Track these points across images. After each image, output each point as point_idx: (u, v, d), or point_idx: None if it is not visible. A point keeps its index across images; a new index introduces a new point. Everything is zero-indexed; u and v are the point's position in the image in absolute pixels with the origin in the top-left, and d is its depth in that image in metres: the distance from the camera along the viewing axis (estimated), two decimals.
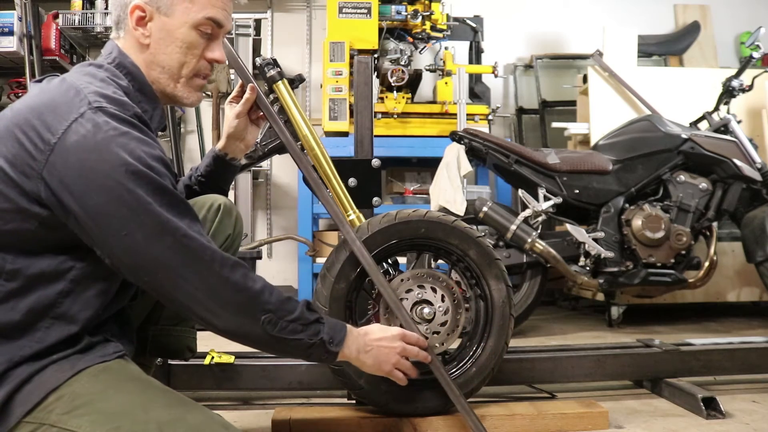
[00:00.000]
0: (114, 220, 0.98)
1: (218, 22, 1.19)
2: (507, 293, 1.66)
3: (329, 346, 1.19)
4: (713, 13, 4.92)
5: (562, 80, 4.66)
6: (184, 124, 4.57)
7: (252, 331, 1.09)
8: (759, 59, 3.20)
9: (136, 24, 1.15)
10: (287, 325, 1.12)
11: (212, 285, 1.04)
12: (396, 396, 1.58)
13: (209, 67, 1.22)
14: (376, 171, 1.79)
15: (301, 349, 1.16)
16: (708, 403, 1.75)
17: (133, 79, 1.15)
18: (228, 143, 1.48)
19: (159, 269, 1.02)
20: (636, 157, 2.99)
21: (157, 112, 1.20)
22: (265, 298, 1.10)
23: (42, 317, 1.02)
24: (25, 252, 1.02)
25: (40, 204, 1.00)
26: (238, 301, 1.07)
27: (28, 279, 1.01)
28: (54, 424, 0.96)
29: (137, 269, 1.03)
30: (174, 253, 1.01)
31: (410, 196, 4.12)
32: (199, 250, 1.04)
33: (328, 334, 1.19)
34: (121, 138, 1.00)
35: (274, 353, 1.22)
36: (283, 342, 1.12)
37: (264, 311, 1.09)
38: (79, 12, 4.03)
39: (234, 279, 1.07)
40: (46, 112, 1.00)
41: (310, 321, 1.16)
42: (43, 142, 0.98)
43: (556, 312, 3.95)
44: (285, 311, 1.12)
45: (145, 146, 1.02)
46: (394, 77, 3.60)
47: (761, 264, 2.87)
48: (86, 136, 0.98)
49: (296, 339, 1.13)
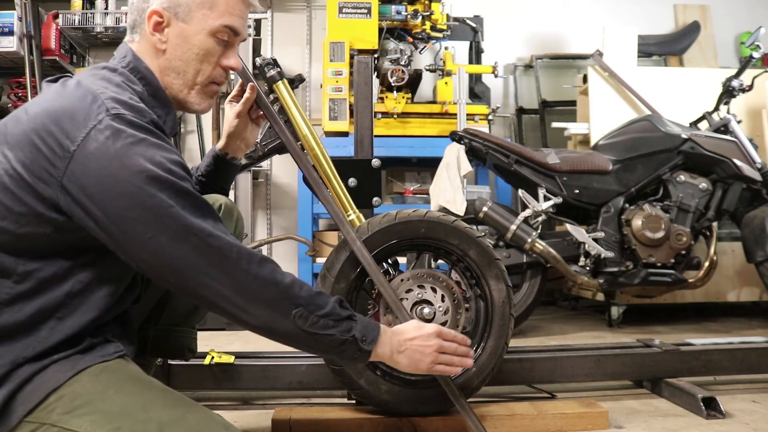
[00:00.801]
0: (138, 225, 0.99)
1: (235, 30, 1.19)
2: (507, 293, 1.66)
3: (362, 344, 1.16)
4: (713, 13, 4.92)
5: (562, 80, 4.66)
6: (184, 124, 4.57)
7: (283, 326, 1.08)
8: (759, 59, 3.20)
9: (153, 29, 1.15)
10: (318, 320, 1.10)
11: (241, 282, 1.04)
12: (396, 396, 1.58)
13: (224, 75, 1.22)
14: (376, 171, 1.79)
15: (333, 345, 1.13)
16: (708, 403, 1.76)
17: (148, 84, 1.15)
18: (228, 143, 1.48)
19: (185, 270, 1.02)
20: (636, 157, 2.99)
21: (170, 117, 1.20)
22: (296, 292, 1.08)
23: (48, 318, 1.02)
24: (38, 255, 1.02)
25: (58, 210, 1.00)
26: (267, 296, 1.06)
27: (39, 281, 1.01)
28: (55, 424, 0.96)
29: (163, 271, 1.03)
30: (200, 254, 1.01)
31: (410, 196, 4.12)
32: (225, 249, 1.03)
33: (361, 332, 1.16)
34: (140, 145, 1.00)
35: (307, 350, 1.19)
36: (314, 337, 1.10)
37: (295, 305, 1.07)
38: (79, 12, 4.03)
39: (263, 274, 1.06)
40: (64, 119, 1.00)
41: (342, 317, 1.13)
42: (62, 149, 0.98)
43: (556, 312, 3.95)
44: (316, 305, 1.10)
45: (164, 152, 1.03)
46: (394, 77, 3.61)
47: (761, 264, 2.88)
48: (106, 144, 0.98)
49: (328, 335, 1.11)
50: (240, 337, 3.00)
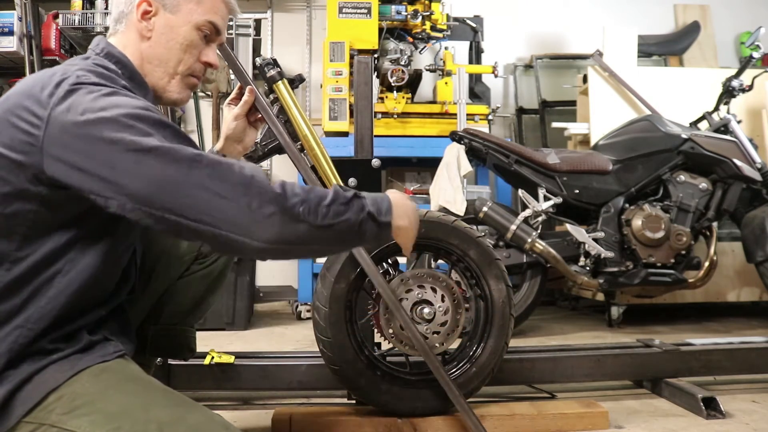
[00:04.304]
0: (123, 157, 0.97)
1: (218, 28, 1.24)
2: (507, 293, 1.66)
3: (380, 217, 1.10)
4: (713, 13, 4.93)
5: (562, 80, 4.66)
6: (184, 124, 4.57)
7: (296, 231, 1.01)
8: (759, 59, 3.20)
9: (141, 17, 1.19)
10: (328, 210, 1.04)
11: (238, 194, 1.00)
12: (396, 396, 1.58)
13: (203, 70, 1.26)
14: (376, 171, 1.80)
15: (352, 230, 1.07)
16: (708, 403, 1.76)
17: (123, 67, 1.18)
18: (226, 145, 1.48)
19: (174, 193, 0.98)
20: (636, 157, 2.99)
21: (147, 98, 1.20)
22: (290, 191, 1.03)
23: (38, 296, 1.02)
24: (28, 238, 1.02)
25: (41, 182, 1.00)
26: (269, 204, 1.01)
27: (31, 265, 1.02)
28: (54, 424, 0.96)
29: (155, 198, 0.98)
30: (186, 171, 0.98)
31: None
32: (215, 164, 1.01)
33: (373, 205, 1.10)
34: (113, 95, 1.03)
35: (327, 248, 1.14)
36: (331, 229, 1.04)
37: (298, 203, 1.02)
38: (79, 12, 4.03)
39: (257, 183, 1.02)
40: (35, 91, 1.01)
41: (349, 198, 1.08)
42: (37, 118, 0.99)
43: (556, 312, 3.95)
44: (318, 197, 1.05)
45: (136, 99, 1.05)
46: (394, 77, 3.61)
47: (761, 264, 2.88)
48: (78, 98, 0.99)
49: (344, 220, 1.05)
50: (240, 337, 3.00)
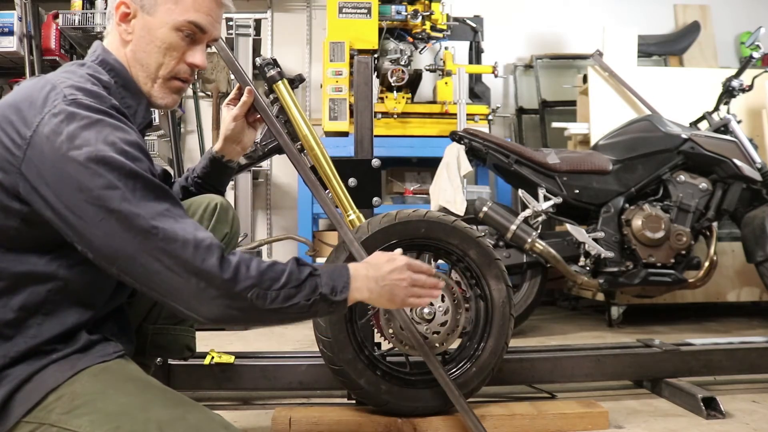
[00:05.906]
0: (89, 208, 0.95)
1: (201, 27, 1.18)
2: (507, 293, 1.66)
3: (333, 297, 1.10)
4: (713, 13, 4.93)
5: (562, 80, 4.66)
6: (184, 124, 4.57)
7: (242, 312, 1.01)
8: (759, 59, 3.20)
9: (120, 20, 1.17)
10: (278, 294, 1.03)
11: (187, 272, 0.97)
12: (396, 396, 1.58)
13: (189, 71, 1.21)
14: (376, 171, 1.79)
15: (302, 312, 1.07)
16: (708, 403, 1.76)
17: (117, 75, 1.16)
18: (225, 145, 1.48)
19: (129, 259, 0.97)
20: (636, 157, 2.99)
21: (141, 107, 1.20)
22: (244, 273, 1.00)
23: (34, 314, 1.02)
24: (11, 250, 1.02)
25: (20, 200, 0.99)
26: (214, 288, 0.98)
27: (15, 277, 1.01)
28: (54, 424, 0.96)
29: (112, 260, 0.98)
30: (141, 241, 0.96)
31: (410, 196, 4.12)
32: (170, 239, 0.97)
33: (327, 285, 1.10)
34: (94, 126, 0.99)
35: (280, 324, 1.15)
36: (280, 312, 1.04)
37: (247, 288, 1.00)
38: (79, 12, 4.02)
39: (208, 266, 0.98)
40: (23, 107, 1.00)
41: (303, 279, 1.06)
42: (20, 137, 0.98)
43: (556, 312, 3.95)
44: (270, 280, 1.03)
45: (120, 132, 1.01)
46: (394, 77, 3.61)
47: (761, 264, 2.87)
48: (59, 127, 0.97)
49: (292, 304, 1.05)
50: (240, 338, 3.00)
